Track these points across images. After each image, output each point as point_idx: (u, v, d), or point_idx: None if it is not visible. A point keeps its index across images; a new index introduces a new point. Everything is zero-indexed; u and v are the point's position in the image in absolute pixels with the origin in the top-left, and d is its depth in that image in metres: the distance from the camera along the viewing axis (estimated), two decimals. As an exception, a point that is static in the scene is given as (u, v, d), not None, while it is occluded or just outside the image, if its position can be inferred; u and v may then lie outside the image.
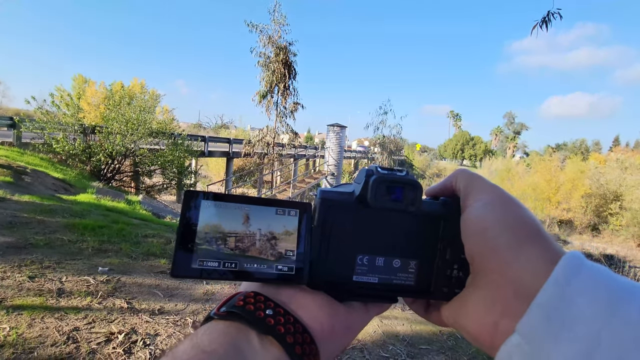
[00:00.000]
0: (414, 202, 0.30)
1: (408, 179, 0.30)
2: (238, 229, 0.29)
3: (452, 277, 0.31)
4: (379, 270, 0.31)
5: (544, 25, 4.71)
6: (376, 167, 0.31)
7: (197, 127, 45.06)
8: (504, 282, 0.25)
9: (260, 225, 0.29)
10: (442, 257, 0.31)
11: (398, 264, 0.31)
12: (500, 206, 0.27)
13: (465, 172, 0.31)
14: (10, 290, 2.27)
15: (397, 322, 2.73)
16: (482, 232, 0.27)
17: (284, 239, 0.30)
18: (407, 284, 0.31)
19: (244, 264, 0.29)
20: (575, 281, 0.21)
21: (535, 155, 40.53)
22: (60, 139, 9.90)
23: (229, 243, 0.28)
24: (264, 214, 0.30)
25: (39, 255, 2.87)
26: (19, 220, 3.66)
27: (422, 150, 61.54)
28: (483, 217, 0.27)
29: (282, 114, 16.28)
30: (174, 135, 12.75)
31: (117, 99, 12.00)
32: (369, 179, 0.30)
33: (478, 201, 0.28)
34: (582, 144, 60.13)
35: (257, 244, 0.29)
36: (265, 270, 0.29)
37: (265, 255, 0.29)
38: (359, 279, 0.31)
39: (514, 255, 0.25)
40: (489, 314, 0.25)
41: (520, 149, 71.09)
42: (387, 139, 23.72)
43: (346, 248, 0.31)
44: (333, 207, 0.30)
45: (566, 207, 20.82)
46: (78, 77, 15.99)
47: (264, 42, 15.50)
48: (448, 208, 0.31)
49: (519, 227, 0.26)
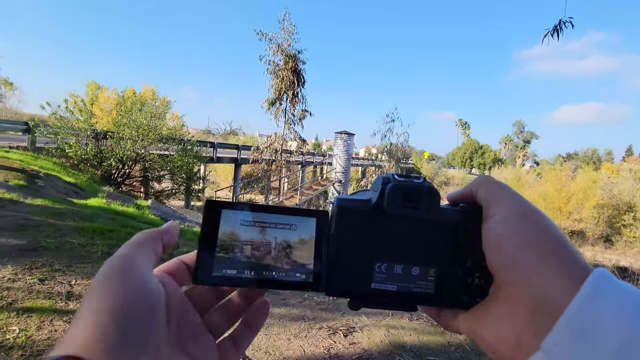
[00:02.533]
0: (431, 209, 0.30)
1: (425, 186, 0.30)
2: (255, 238, 0.30)
3: (472, 286, 0.30)
4: (397, 278, 0.31)
5: (555, 33, 4.69)
6: (393, 175, 0.31)
7: (206, 133, 45.55)
8: (527, 297, 0.24)
9: (276, 234, 0.30)
10: (462, 265, 0.30)
11: (417, 271, 0.31)
12: (522, 218, 0.27)
13: (487, 180, 0.30)
14: (21, 292, 2.30)
15: (404, 332, 2.70)
16: (504, 245, 0.26)
17: (299, 248, 0.30)
18: (427, 292, 0.31)
19: (263, 272, 0.29)
20: (603, 299, 0.21)
21: (545, 164, 40.01)
22: (72, 143, 10.10)
23: (246, 251, 0.29)
24: (279, 222, 0.30)
25: (49, 258, 2.91)
26: (31, 223, 3.73)
27: (430, 158, 61.18)
28: (505, 229, 0.27)
29: (290, 121, 16.39)
30: (184, 141, 12.90)
31: (128, 105, 12.21)
32: (386, 186, 0.30)
33: (500, 212, 0.28)
34: (594, 154, 59.18)
35: (272, 253, 0.30)
36: (284, 278, 0.30)
37: (280, 263, 0.30)
38: (378, 286, 0.30)
39: (537, 270, 0.24)
40: (510, 328, 0.25)
41: (530, 158, 70.23)
42: (395, 147, 23.65)
43: (364, 255, 0.30)
44: (350, 215, 0.30)
45: (577, 218, 20.43)
46: (91, 83, 16.31)
47: (273, 50, 15.70)
48: (467, 215, 0.31)
49: (542, 240, 0.25)
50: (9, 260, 2.72)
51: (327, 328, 2.61)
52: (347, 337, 2.53)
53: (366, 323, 2.77)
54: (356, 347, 2.42)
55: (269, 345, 2.27)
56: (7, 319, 2.00)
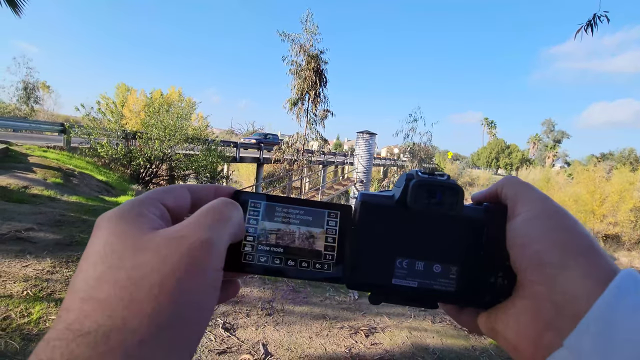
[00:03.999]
0: (455, 206, 0.30)
1: (449, 183, 0.30)
2: (279, 227, 0.31)
3: (495, 285, 0.30)
4: (419, 274, 0.31)
5: (589, 28, 4.47)
6: (417, 172, 0.31)
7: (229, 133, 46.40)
8: (551, 296, 0.24)
9: (300, 225, 0.31)
10: (485, 264, 0.30)
11: (439, 269, 0.31)
12: (548, 218, 0.26)
13: (513, 180, 0.30)
14: (59, 284, 2.44)
15: (426, 335, 2.66)
16: (529, 244, 0.26)
17: (322, 239, 0.31)
18: (448, 290, 0.31)
19: (288, 262, 0.30)
20: (629, 299, 0.21)
21: (577, 165, 38.22)
22: (104, 143, 10.58)
23: (271, 239, 0.30)
24: (304, 214, 0.31)
25: (83, 252, 3.06)
26: (67, 219, 3.93)
27: (454, 158, 59.80)
28: (530, 228, 0.27)
29: (312, 121, 16.46)
30: (208, 141, 13.22)
31: (156, 107, 12.64)
32: (409, 182, 0.30)
33: (526, 212, 0.28)
34: (631, 154, 55.89)
35: (296, 242, 0.30)
36: (307, 268, 0.30)
37: (303, 253, 0.30)
38: (398, 282, 0.31)
39: (562, 270, 0.24)
40: (532, 325, 0.25)
41: (560, 158, 67.27)
42: (417, 147, 23.28)
43: (385, 251, 0.31)
44: (373, 210, 0.31)
45: (612, 221, 19.41)
46: (121, 85, 17.01)
47: (296, 51, 15.81)
48: (492, 214, 0.30)
49: (568, 239, 0.25)
50: (47, 253, 2.88)
51: (349, 328, 2.61)
52: (368, 337, 2.52)
53: (388, 324, 2.75)
54: (378, 347, 2.41)
55: (291, 343, 2.29)
56: (47, 308, 2.13)
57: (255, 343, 2.21)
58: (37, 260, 2.71)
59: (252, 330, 2.34)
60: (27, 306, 2.10)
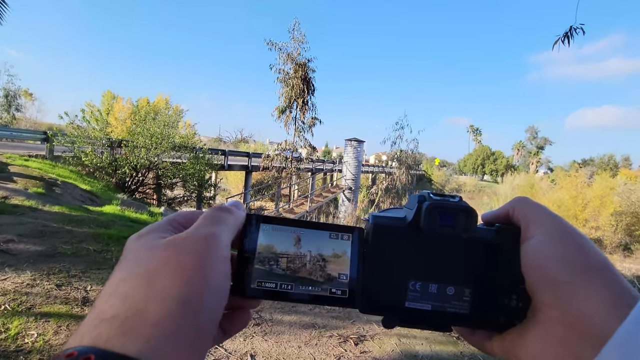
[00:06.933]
0: (468, 229, 0.30)
1: (462, 206, 0.30)
2: (290, 250, 0.30)
3: (510, 308, 0.29)
4: (432, 297, 0.30)
5: (565, 40, 4.65)
6: (428, 193, 0.31)
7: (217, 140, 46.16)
8: (569, 321, 0.24)
9: (311, 248, 0.30)
10: (499, 287, 0.30)
11: (452, 291, 0.30)
12: (563, 239, 0.26)
13: (524, 201, 0.30)
14: (39, 297, 2.36)
15: (415, 342, 2.66)
16: (544, 268, 0.26)
17: (333, 262, 0.30)
18: (462, 312, 0.30)
19: (299, 286, 0.30)
20: None
21: (560, 171, 39.21)
22: (89, 152, 10.37)
23: (281, 263, 0.30)
24: (315, 237, 0.31)
25: (66, 264, 2.98)
26: (49, 229, 3.83)
27: (441, 164, 60.57)
28: (545, 251, 0.26)
29: (300, 129, 16.51)
30: (196, 149, 13.11)
31: (142, 114, 12.51)
32: (422, 204, 0.30)
33: (539, 234, 0.27)
34: (611, 159, 57.70)
35: (307, 265, 0.30)
36: (319, 292, 0.30)
37: (315, 276, 0.30)
38: (412, 305, 0.30)
39: (579, 293, 0.24)
40: (552, 350, 0.24)
41: (543, 164, 68.94)
42: (405, 154, 23.53)
43: (398, 273, 0.30)
44: (386, 232, 0.31)
45: (594, 225, 19.90)
46: (107, 93, 16.77)
47: (284, 59, 15.90)
48: (504, 235, 0.30)
49: (584, 262, 0.25)
50: (28, 265, 2.80)
51: (338, 336, 2.60)
52: (357, 345, 2.51)
53: (377, 331, 2.75)
54: (367, 355, 2.40)
55: (280, 353, 2.27)
56: (26, 323, 2.06)
57: (244, 354, 2.18)
58: (16, 273, 2.63)
59: (240, 341, 2.31)
60: (5, 321, 2.03)
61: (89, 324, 0.21)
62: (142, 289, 0.22)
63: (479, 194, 40.84)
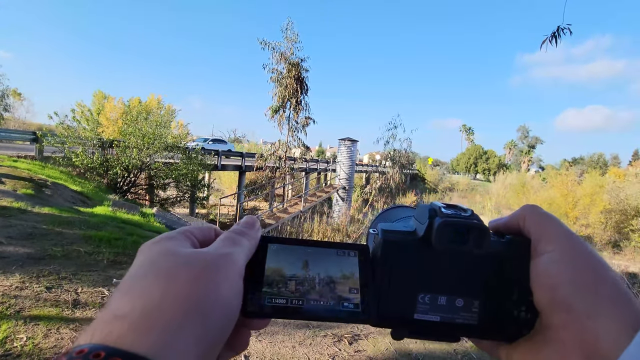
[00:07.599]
0: (481, 246, 0.30)
1: (475, 224, 0.30)
2: (298, 273, 0.30)
3: (519, 318, 0.29)
4: (441, 309, 0.30)
5: (553, 40, 4.71)
6: (439, 207, 0.31)
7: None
8: (578, 343, 0.24)
9: (319, 269, 0.31)
10: (508, 298, 0.30)
11: (461, 303, 0.30)
12: (576, 259, 0.26)
13: (535, 212, 0.30)
14: (28, 300, 2.33)
15: (409, 340, 2.68)
16: (556, 289, 0.26)
17: (342, 282, 0.30)
18: (471, 323, 0.30)
19: (311, 302, 0.30)
20: None
21: (551, 170, 39.71)
22: (79, 152, 10.24)
23: (290, 286, 0.30)
24: (323, 257, 0.31)
25: (56, 266, 2.94)
26: (39, 231, 3.77)
27: (434, 164, 60.96)
28: (557, 272, 0.26)
29: (294, 128, 16.50)
30: (188, 150, 13.01)
31: (134, 114, 12.37)
32: (434, 220, 0.30)
33: (551, 252, 0.27)
34: (600, 158, 58.66)
35: (316, 287, 0.30)
36: (332, 308, 0.30)
37: (325, 298, 0.30)
38: (421, 317, 0.30)
39: (592, 316, 0.24)
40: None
41: (535, 163, 69.79)
42: (398, 153, 23.65)
43: (408, 287, 0.31)
44: (396, 247, 0.31)
45: (585, 223, 20.20)
46: (98, 92, 16.54)
47: (277, 59, 15.87)
48: (515, 248, 0.30)
49: (597, 285, 0.25)
50: (16, 268, 2.75)
51: (332, 336, 2.60)
52: (352, 344, 2.52)
53: (371, 330, 2.76)
54: (361, 355, 2.40)
55: (274, 353, 2.26)
56: (15, 327, 2.02)
57: (237, 355, 2.17)
58: (4, 276, 2.58)
59: (234, 342, 2.30)
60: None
61: (101, 322, 0.22)
62: (156, 291, 0.23)
63: (471, 193, 41.18)
